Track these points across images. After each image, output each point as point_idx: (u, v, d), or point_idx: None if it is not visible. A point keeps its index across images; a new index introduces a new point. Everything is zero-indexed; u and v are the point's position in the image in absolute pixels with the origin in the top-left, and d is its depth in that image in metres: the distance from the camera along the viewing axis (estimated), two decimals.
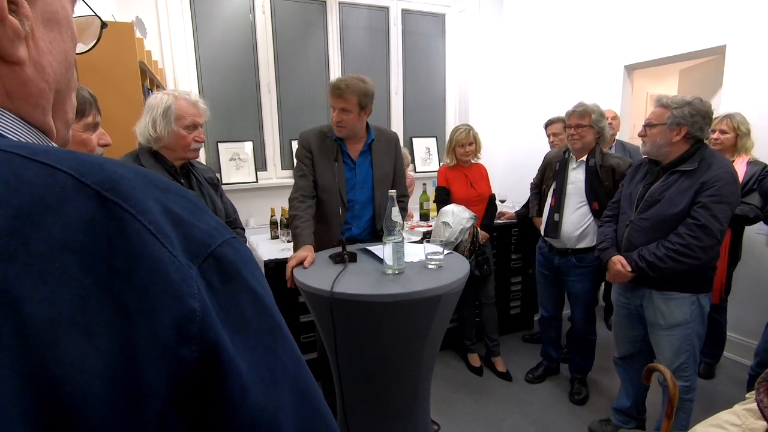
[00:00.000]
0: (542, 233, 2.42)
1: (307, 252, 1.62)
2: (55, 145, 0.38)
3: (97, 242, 0.27)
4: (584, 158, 2.24)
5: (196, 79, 3.20)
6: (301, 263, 1.58)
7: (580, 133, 2.19)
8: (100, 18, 0.46)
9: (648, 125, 1.73)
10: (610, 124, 2.97)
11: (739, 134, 2.30)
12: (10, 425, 0.22)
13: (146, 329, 0.27)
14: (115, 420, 0.25)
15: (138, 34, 2.03)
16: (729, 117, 2.32)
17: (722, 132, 2.32)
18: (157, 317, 0.27)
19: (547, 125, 2.96)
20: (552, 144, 2.88)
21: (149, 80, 2.14)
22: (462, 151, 2.59)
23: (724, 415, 1.27)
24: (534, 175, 2.63)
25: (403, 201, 2.06)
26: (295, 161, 1.96)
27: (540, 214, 2.49)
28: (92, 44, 0.46)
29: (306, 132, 1.93)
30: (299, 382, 0.36)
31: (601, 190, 2.18)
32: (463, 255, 2.24)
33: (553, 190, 2.35)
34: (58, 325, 0.24)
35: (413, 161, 4.00)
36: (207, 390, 0.29)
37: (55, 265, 0.25)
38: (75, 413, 0.24)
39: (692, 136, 1.66)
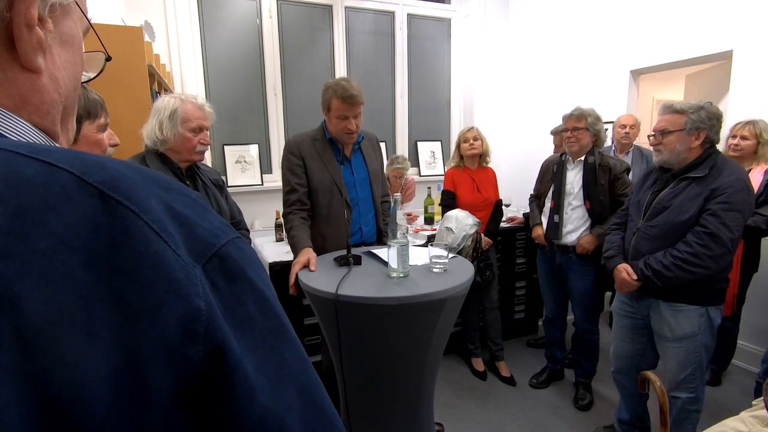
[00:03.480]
0: (544, 231, 2.42)
1: (307, 255, 1.61)
2: (58, 145, 0.39)
3: (100, 241, 0.26)
4: (582, 158, 2.24)
5: (203, 82, 3.23)
6: (305, 267, 1.57)
7: (576, 136, 2.20)
8: (106, 53, 0.49)
9: (664, 132, 1.66)
10: (627, 132, 2.95)
11: (761, 142, 2.21)
12: (12, 429, 0.22)
13: (150, 329, 0.26)
14: (119, 421, 0.25)
15: (147, 38, 2.05)
16: (752, 123, 2.24)
17: (743, 138, 2.24)
18: (161, 316, 0.27)
19: (554, 132, 2.96)
20: (556, 149, 2.87)
21: (157, 83, 2.16)
22: (467, 146, 2.55)
23: (730, 422, 1.26)
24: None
25: (387, 201, 2.10)
26: (281, 172, 1.90)
27: (540, 222, 2.48)
28: (95, 74, 0.49)
29: (294, 139, 1.89)
30: (306, 384, 0.35)
31: (595, 190, 2.18)
32: None
33: (552, 192, 2.36)
34: (58, 325, 0.24)
35: (417, 164, 4.01)
36: (213, 391, 0.29)
37: (56, 264, 0.25)
38: (78, 415, 0.23)
39: (709, 139, 1.62)
